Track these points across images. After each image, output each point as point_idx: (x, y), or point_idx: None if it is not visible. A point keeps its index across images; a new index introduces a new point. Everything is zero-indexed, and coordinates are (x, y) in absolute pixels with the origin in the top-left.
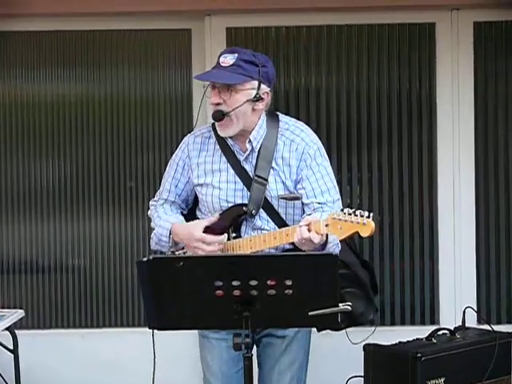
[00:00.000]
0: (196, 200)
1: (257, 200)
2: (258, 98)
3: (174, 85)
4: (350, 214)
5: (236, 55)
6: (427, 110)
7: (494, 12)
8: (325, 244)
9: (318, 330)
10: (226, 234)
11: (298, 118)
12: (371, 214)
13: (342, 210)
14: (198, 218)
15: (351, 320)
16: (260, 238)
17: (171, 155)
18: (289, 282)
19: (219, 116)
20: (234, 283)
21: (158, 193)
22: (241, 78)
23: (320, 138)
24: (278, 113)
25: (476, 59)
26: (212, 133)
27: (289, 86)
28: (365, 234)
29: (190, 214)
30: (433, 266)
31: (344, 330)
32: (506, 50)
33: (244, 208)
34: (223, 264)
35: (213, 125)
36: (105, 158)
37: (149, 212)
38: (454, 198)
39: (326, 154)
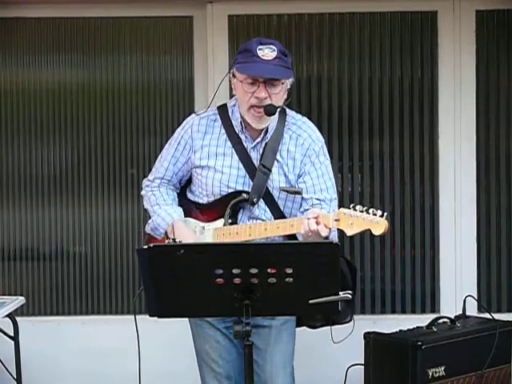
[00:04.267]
0: (187, 181)
1: (259, 189)
2: (289, 90)
3: (176, 72)
4: (362, 212)
5: (274, 48)
6: (429, 98)
7: (496, 0)
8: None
9: (297, 326)
10: (222, 219)
11: (300, 106)
12: (385, 214)
13: (354, 207)
14: (189, 200)
15: (328, 319)
16: (261, 226)
17: None
18: (289, 271)
19: (273, 111)
20: (235, 271)
21: (153, 170)
22: (289, 72)
23: (322, 127)
24: (284, 106)
25: (478, 48)
26: (218, 116)
27: None
28: (377, 232)
29: (180, 194)
30: (433, 254)
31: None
32: (507, 38)
33: (245, 195)
34: (224, 252)
35: (218, 108)
36: (106, 145)
37: (143, 192)
38: (455, 187)
39: (327, 153)
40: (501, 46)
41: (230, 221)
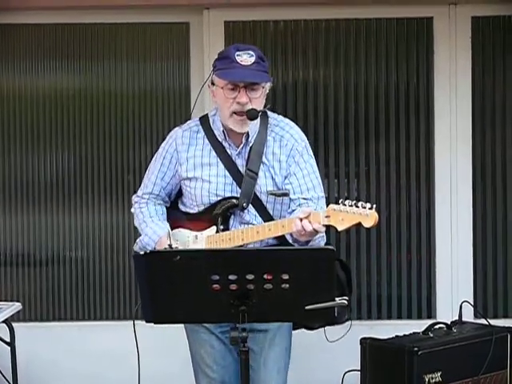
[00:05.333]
0: (178, 193)
1: (247, 193)
2: (267, 94)
3: (172, 78)
4: (351, 206)
5: (252, 53)
6: (425, 104)
7: (492, 7)
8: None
9: (294, 329)
10: (214, 227)
11: (296, 112)
12: (374, 206)
13: (343, 202)
14: (181, 211)
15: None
16: (253, 230)
17: None
18: (285, 276)
19: (255, 115)
20: (231, 277)
21: (142, 186)
22: (268, 77)
23: (318, 132)
24: (265, 109)
25: (474, 54)
26: (200, 127)
27: (286, 79)
28: (368, 224)
29: (172, 207)
30: (430, 260)
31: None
32: (503, 44)
33: (235, 201)
34: (220, 258)
35: (200, 119)
36: (102, 151)
37: (132, 209)
38: (451, 192)
39: (311, 151)
40: (496, 51)
41: (221, 227)
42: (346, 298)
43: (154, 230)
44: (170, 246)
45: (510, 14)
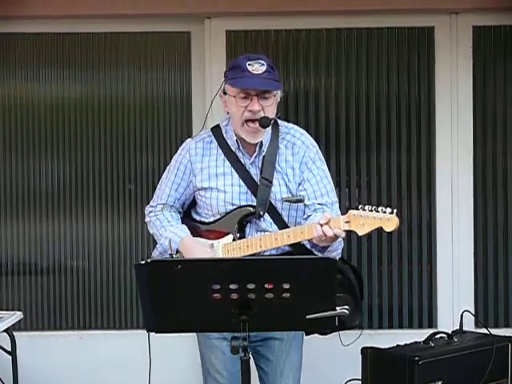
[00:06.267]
0: (190, 203)
1: (263, 201)
2: (278, 103)
3: (174, 87)
4: (371, 211)
5: (263, 62)
6: (426, 113)
7: (493, 16)
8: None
9: (307, 334)
10: (231, 235)
11: (297, 121)
12: (395, 210)
13: (362, 207)
14: (196, 220)
15: (339, 324)
16: (271, 237)
17: (170, 157)
18: (286, 286)
19: (268, 122)
20: (232, 286)
21: (155, 197)
22: (279, 85)
23: (319, 141)
24: (275, 118)
25: (475, 63)
26: (213, 137)
27: (288, 88)
28: (389, 228)
29: (185, 216)
30: (431, 269)
31: (336, 333)
32: (504, 54)
33: (251, 209)
34: (221, 267)
35: (212, 130)
36: (104, 160)
37: (147, 219)
38: (452, 202)
39: (323, 157)
40: (497, 61)
41: (238, 235)
42: (347, 307)
43: (174, 233)
44: (171, 255)
45: (511, 24)
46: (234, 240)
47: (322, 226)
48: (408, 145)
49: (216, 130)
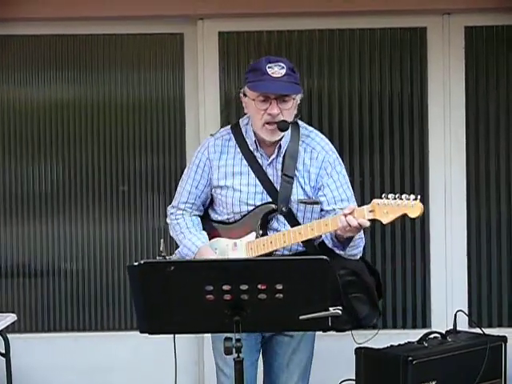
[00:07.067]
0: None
1: (285, 198)
2: (299, 105)
3: (167, 88)
4: (395, 199)
5: (283, 65)
6: (419, 113)
7: (485, 17)
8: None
9: (324, 331)
10: (253, 233)
11: None
12: (418, 196)
13: (386, 196)
14: (214, 220)
15: (356, 322)
16: (295, 232)
17: (164, 158)
18: (279, 287)
19: (286, 126)
20: (225, 287)
21: (176, 195)
22: (299, 88)
23: None
24: (296, 119)
25: (467, 64)
26: (231, 135)
27: None
28: (414, 214)
29: (204, 217)
30: (424, 269)
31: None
32: (496, 54)
33: (273, 206)
34: (214, 268)
35: (231, 128)
36: (97, 162)
37: (168, 220)
38: (445, 202)
39: (342, 162)
40: (490, 62)
41: (261, 232)
42: (340, 307)
43: (192, 242)
44: (164, 256)
45: (503, 24)
46: (256, 237)
47: (346, 216)
48: (401, 145)
49: (235, 129)
